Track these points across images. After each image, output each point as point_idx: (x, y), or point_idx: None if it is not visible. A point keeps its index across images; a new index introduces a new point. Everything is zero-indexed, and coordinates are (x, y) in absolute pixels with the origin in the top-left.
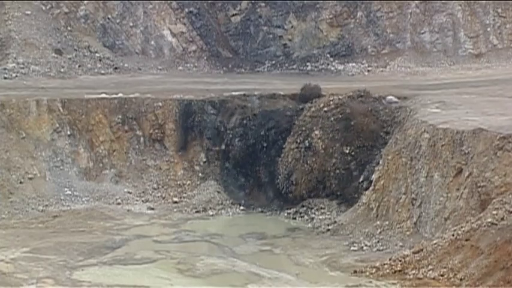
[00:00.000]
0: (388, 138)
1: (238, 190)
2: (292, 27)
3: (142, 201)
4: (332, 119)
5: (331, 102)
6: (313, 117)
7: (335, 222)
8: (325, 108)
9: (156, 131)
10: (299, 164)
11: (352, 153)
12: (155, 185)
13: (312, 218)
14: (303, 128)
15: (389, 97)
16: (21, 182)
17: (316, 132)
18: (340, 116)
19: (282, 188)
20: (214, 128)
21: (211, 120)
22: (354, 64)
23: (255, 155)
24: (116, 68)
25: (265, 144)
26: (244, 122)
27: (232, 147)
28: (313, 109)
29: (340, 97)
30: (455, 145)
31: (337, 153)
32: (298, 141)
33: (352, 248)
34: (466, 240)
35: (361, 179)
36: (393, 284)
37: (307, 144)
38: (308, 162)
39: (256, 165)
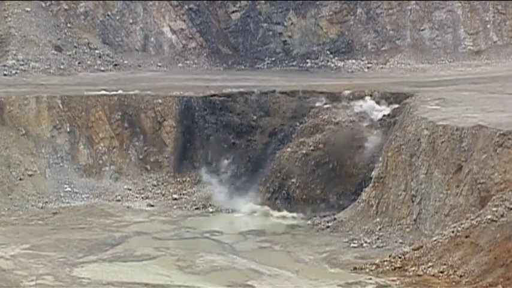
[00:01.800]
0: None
1: None
2: (292, 24)
3: (142, 198)
4: (312, 163)
5: (311, 142)
6: (289, 160)
7: (335, 219)
8: (304, 151)
9: (156, 127)
10: None
11: (340, 202)
12: (155, 182)
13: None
14: (278, 174)
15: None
16: (21, 179)
17: (294, 180)
18: (326, 160)
19: None
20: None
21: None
22: (353, 61)
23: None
24: (115, 65)
25: None
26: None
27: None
28: (289, 150)
29: (324, 133)
30: (455, 142)
31: (319, 201)
32: (272, 190)
33: (352, 245)
34: (466, 237)
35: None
36: (393, 280)
37: (284, 195)
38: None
39: None
